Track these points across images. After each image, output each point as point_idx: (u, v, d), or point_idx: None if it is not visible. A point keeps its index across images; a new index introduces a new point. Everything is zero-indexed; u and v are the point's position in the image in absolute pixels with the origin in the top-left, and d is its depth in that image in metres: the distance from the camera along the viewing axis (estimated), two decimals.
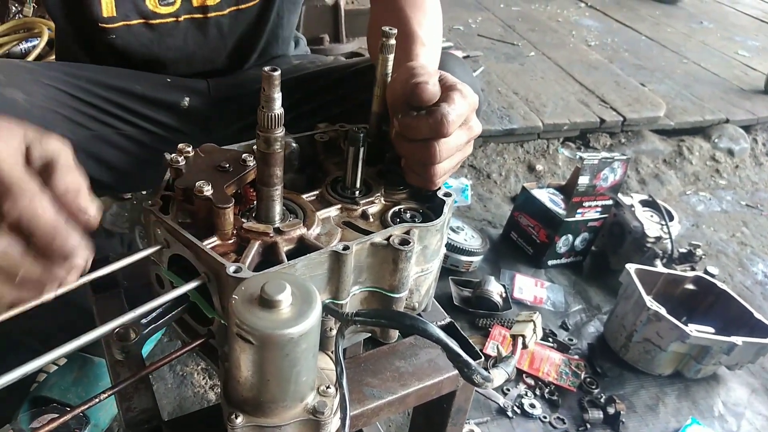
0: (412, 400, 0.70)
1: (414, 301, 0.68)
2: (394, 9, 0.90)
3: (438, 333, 0.53)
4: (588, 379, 1.48)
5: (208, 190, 0.58)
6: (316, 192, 0.69)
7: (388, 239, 0.61)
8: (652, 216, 1.85)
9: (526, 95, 2.66)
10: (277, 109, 0.54)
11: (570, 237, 1.81)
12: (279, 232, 0.60)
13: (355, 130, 0.66)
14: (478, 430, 1.33)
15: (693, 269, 1.76)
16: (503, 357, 0.62)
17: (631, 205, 1.85)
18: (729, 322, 1.56)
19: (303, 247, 0.60)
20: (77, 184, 0.49)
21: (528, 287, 1.77)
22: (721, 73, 3.30)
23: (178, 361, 1.38)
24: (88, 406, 0.55)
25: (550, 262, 1.86)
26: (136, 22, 0.97)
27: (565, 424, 1.38)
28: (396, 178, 0.71)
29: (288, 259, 0.57)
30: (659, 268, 1.69)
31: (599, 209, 1.81)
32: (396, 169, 0.72)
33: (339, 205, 0.67)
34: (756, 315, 1.53)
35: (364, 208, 0.67)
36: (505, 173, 2.33)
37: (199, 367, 1.39)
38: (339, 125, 0.78)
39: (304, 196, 0.67)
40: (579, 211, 1.78)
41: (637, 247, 1.80)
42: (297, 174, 0.74)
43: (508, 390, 1.43)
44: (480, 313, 1.61)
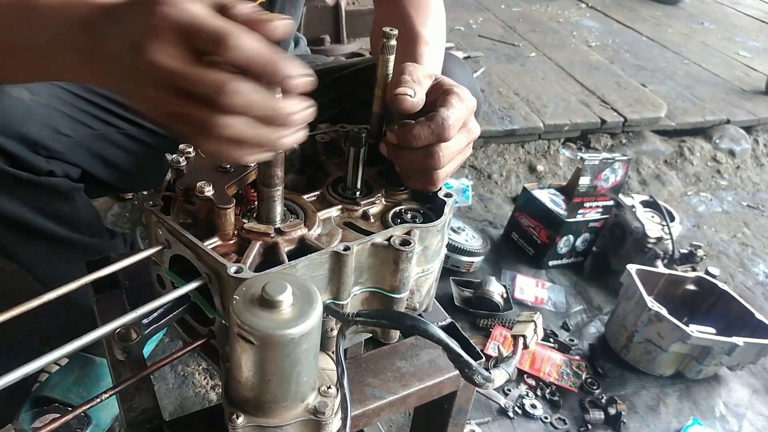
0: (413, 400, 0.70)
1: (415, 302, 0.68)
2: (398, 9, 0.90)
3: (439, 333, 0.53)
4: (589, 380, 1.48)
5: (209, 191, 0.58)
6: (316, 192, 0.69)
7: (388, 240, 0.61)
8: (653, 216, 1.85)
9: (527, 96, 2.66)
10: None
11: (571, 237, 1.81)
12: (280, 232, 0.60)
13: (356, 130, 0.66)
14: (479, 431, 1.33)
15: (694, 270, 1.75)
16: (504, 357, 0.62)
17: (632, 206, 1.84)
18: (730, 322, 1.56)
19: (304, 247, 0.60)
20: (253, 10, 0.50)
21: (529, 288, 1.77)
22: (722, 73, 3.30)
23: (180, 361, 1.38)
24: (89, 406, 0.55)
25: (551, 263, 1.86)
26: None
27: (566, 424, 1.38)
28: (396, 179, 0.71)
29: (289, 260, 0.57)
30: (660, 268, 1.69)
31: (600, 210, 1.81)
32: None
33: (340, 206, 0.67)
34: (757, 316, 1.53)
35: (364, 208, 0.67)
36: (506, 174, 2.33)
37: (200, 367, 1.39)
38: (340, 126, 0.78)
39: (304, 196, 0.67)
40: (580, 211, 1.78)
41: (638, 248, 1.80)
42: (298, 174, 0.74)
43: (509, 390, 1.43)
44: (481, 314, 1.61)
